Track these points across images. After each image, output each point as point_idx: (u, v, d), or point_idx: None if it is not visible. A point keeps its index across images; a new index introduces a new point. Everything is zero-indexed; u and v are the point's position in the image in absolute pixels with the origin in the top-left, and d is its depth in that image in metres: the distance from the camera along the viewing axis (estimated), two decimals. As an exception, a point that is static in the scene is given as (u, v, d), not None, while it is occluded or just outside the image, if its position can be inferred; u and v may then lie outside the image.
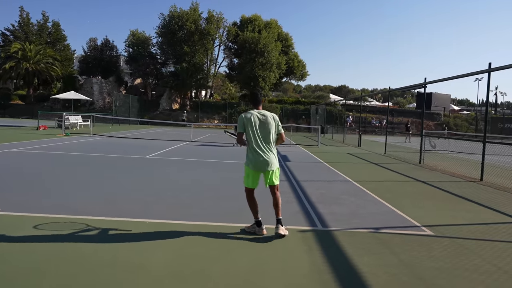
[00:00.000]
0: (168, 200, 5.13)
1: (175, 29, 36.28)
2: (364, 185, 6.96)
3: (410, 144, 20.33)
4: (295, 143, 17.67)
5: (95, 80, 40.13)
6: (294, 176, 7.76)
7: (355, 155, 13.31)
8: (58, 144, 12.15)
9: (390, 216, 4.82)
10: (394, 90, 15.40)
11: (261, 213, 3.98)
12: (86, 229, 3.73)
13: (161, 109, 37.69)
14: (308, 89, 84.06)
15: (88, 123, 23.52)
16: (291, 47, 43.64)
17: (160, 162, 9.00)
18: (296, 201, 5.44)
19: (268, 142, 3.88)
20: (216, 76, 44.28)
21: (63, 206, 4.54)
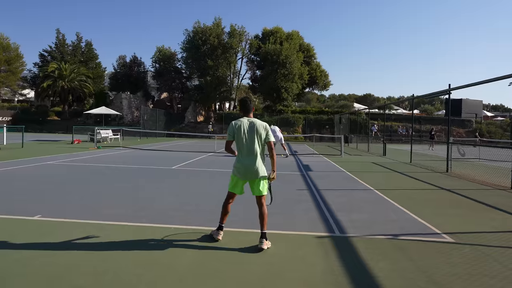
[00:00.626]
0: (193, 207, 5.40)
1: (199, 44, 37.50)
2: (386, 193, 6.94)
3: (435, 152, 19.74)
4: (317, 153, 17.66)
5: (124, 96, 41.97)
6: (315, 184, 7.86)
7: (379, 164, 13.15)
8: (91, 157, 12.90)
9: (410, 223, 4.83)
10: (418, 97, 15.13)
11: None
12: (114, 233, 4.05)
13: (187, 122, 38.77)
14: (331, 99, 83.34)
15: (118, 137, 24.65)
16: (313, 57, 43.76)
17: (186, 173, 9.37)
18: (315, 208, 5.55)
19: (256, 150, 3.84)
20: (239, 88, 45.06)
21: (96, 212, 4.92)
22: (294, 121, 36.45)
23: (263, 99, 44.77)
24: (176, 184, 7.45)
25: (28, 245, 3.62)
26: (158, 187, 7.11)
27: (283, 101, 37.86)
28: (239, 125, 3.88)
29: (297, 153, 18.00)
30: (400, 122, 38.58)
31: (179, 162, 11.90)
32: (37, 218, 4.60)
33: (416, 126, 36.04)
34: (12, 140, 20.47)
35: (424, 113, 48.98)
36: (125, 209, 5.20)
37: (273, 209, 5.36)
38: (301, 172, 10.19)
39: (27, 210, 4.92)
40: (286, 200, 6.12)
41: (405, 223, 4.81)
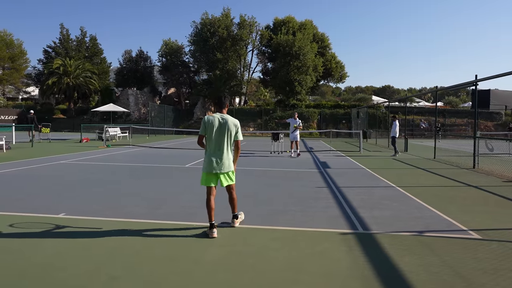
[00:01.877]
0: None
1: (207, 36, 37.84)
2: (409, 190, 7.07)
3: (463, 147, 19.56)
4: (335, 149, 17.76)
5: (131, 92, 42.69)
6: (334, 182, 8.03)
7: (401, 160, 13.20)
8: (102, 156, 13.34)
9: (435, 220, 4.98)
10: (442, 89, 15.07)
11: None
12: (140, 231, 4.34)
13: (196, 118, 39.23)
14: (348, 92, 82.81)
15: (126, 135, 25.22)
16: (328, 48, 43.61)
17: (199, 171, 9.66)
18: (336, 206, 5.74)
19: (224, 145, 4.26)
20: (250, 82, 45.29)
21: (118, 210, 5.24)
22: (309, 116, 36.47)
23: (275, 93, 44.91)
24: (192, 182, 7.73)
25: (61, 241, 3.93)
26: (173, 185, 7.41)
27: (296, 94, 37.90)
28: (211, 121, 4.26)
29: (313, 149, 18.12)
30: (422, 115, 38.17)
31: (191, 160, 12.21)
32: (62, 216, 4.93)
33: (440, 120, 35.61)
34: (20, 139, 21.22)
35: (449, 105, 48.21)
36: (145, 207, 5.51)
37: (291, 207, 5.60)
38: (318, 169, 10.35)
39: (50, 209, 5.27)
40: (304, 198, 6.32)
41: (429, 220, 4.96)
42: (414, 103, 47.79)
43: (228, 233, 4.32)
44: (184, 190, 6.92)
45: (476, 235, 4.33)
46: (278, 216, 5.07)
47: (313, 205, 5.75)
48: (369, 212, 5.33)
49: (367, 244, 3.97)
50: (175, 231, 4.37)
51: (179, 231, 4.35)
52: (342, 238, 4.16)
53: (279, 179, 8.30)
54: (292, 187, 7.32)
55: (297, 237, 4.20)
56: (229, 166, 4.33)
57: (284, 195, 6.55)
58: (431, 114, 37.38)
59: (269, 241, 4.06)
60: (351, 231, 4.45)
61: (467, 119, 36.29)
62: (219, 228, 4.48)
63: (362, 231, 4.45)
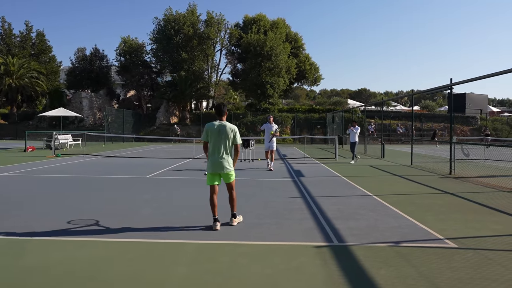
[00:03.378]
0: (176, 220, 5.59)
1: (171, 34, 37.55)
2: (385, 199, 7.34)
3: (439, 152, 20.55)
4: (309, 156, 18.08)
5: (85, 94, 41.42)
6: (309, 192, 8.18)
7: (378, 167, 13.65)
8: (50, 167, 12.80)
9: (412, 229, 5.20)
10: (418, 93, 15.80)
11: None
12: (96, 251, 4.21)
13: (158, 124, 38.62)
14: (323, 95, 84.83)
15: (78, 143, 24.38)
16: (301, 48, 44.50)
17: (162, 182, 9.52)
18: (311, 217, 5.86)
19: (224, 149, 5.24)
20: (219, 84, 45.28)
21: (68, 228, 5.05)
22: (282, 121, 36.94)
23: (246, 96, 45.18)
24: (153, 195, 7.60)
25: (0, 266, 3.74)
26: (134, 198, 7.25)
27: (268, 98, 38.32)
28: (211, 128, 5.26)
29: (287, 157, 18.34)
30: (399, 120, 39.71)
31: (153, 170, 12.01)
32: (1, 237, 4.69)
33: (417, 124, 37.20)
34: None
35: (425, 109, 50.53)
36: (101, 223, 5.35)
37: (264, 219, 5.65)
38: (292, 178, 10.51)
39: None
40: (277, 209, 6.39)
41: (406, 230, 5.18)
42: (391, 107, 49.70)
43: (194, 249, 4.28)
44: (145, 203, 6.79)
45: (452, 244, 4.57)
46: (250, 229, 5.10)
47: (287, 217, 5.83)
48: (345, 223, 5.48)
49: (342, 257, 4.08)
50: (135, 250, 4.27)
51: (139, 250, 4.26)
52: (317, 252, 4.25)
53: (252, 188, 8.34)
54: (266, 197, 7.38)
55: (271, 252, 4.24)
56: (229, 167, 5.27)
57: (258, 206, 6.60)
58: (408, 119, 38.98)
59: (240, 257, 4.07)
60: (326, 243, 4.55)
61: (444, 123, 38.15)
62: (184, 245, 4.44)
63: (337, 243, 4.57)
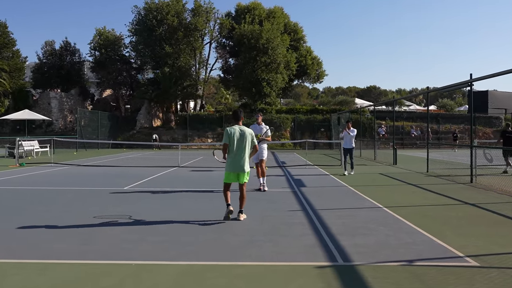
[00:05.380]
0: (155, 238, 5.55)
1: (153, 25, 37.59)
2: (398, 211, 7.35)
3: (459, 158, 20.64)
4: (311, 164, 18.09)
5: (53, 94, 41.27)
6: (311, 204, 8.17)
7: (389, 175, 13.69)
8: (12, 178, 12.71)
9: (427, 246, 5.20)
10: (434, 90, 15.93)
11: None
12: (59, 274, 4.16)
13: (139, 127, 38.53)
14: (327, 93, 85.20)
15: (46, 150, 24.22)
16: (302, 40, 44.78)
17: (141, 195, 9.46)
18: (312, 233, 5.84)
19: (245, 151, 6.71)
20: (208, 82, 45.36)
21: (32, 248, 4.99)
22: (280, 123, 37.00)
23: (239, 96, 45.29)
24: (130, 210, 7.54)
25: None
26: (106, 213, 7.19)
27: (265, 97, 38.42)
28: (232, 132, 6.70)
29: (286, 164, 18.33)
30: (413, 121, 39.94)
31: (132, 181, 11.95)
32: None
33: (434, 126, 37.41)
34: None
35: (443, 109, 50.92)
36: (68, 243, 5.30)
37: (259, 237, 5.63)
38: (292, 188, 10.50)
39: None
40: (275, 224, 6.38)
41: (421, 246, 5.17)
42: (404, 107, 49.98)
43: (180, 271, 4.25)
44: (121, 219, 6.74)
45: (474, 262, 4.56)
46: (243, 249, 5.07)
47: (286, 233, 5.83)
48: (351, 240, 5.46)
49: (347, 279, 4.06)
50: (106, 273, 4.23)
51: (112, 274, 4.21)
52: (319, 273, 4.23)
53: (246, 200, 8.30)
54: (262, 211, 7.37)
55: (267, 273, 4.22)
56: (247, 167, 6.73)
57: (252, 221, 6.60)
58: (423, 120, 39.17)
59: (231, 280, 4.04)
60: (330, 263, 4.54)
61: (464, 125, 38.40)
62: (167, 266, 4.40)
63: (342, 263, 4.55)
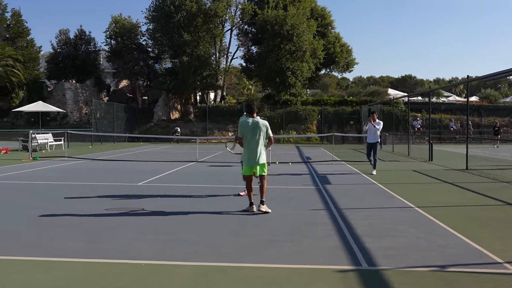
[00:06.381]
0: (168, 236, 5.61)
1: (170, 12, 37.85)
2: (431, 212, 7.20)
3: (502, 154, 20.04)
4: (338, 159, 17.92)
5: (68, 85, 42.20)
6: (335, 202, 8.10)
7: (424, 172, 13.44)
8: (25, 172, 13.08)
9: (462, 250, 5.08)
10: (475, 79, 15.49)
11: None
12: (66, 274, 4.25)
13: (156, 120, 39.00)
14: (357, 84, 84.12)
15: (61, 143, 24.83)
16: (330, 26, 44.30)
17: (156, 190, 9.58)
18: (335, 234, 5.79)
19: (259, 143, 7.02)
20: (229, 71, 45.43)
21: (38, 245, 5.12)
22: (306, 115, 36.76)
23: (262, 86, 45.21)
24: (143, 206, 7.65)
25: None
26: (119, 210, 7.32)
27: (289, 87, 38.21)
28: (246, 125, 7.01)
29: (311, 160, 18.22)
30: (452, 113, 38.98)
31: (146, 176, 12.11)
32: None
33: (475, 119, 36.42)
34: None
35: (486, 100, 49.44)
36: (78, 241, 5.41)
37: (278, 237, 5.62)
38: (316, 185, 10.44)
39: None
40: (296, 224, 6.35)
41: (455, 250, 5.05)
42: (442, 98, 48.81)
43: (193, 272, 4.27)
44: (132, 217, 6.86)
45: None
46: (261, 249, 5.07)
47: (307, 234, 5.80)
48: (378, 242, 5.38)
49: (372, 285, 4.01)
50: (113, 273, 4.30)
51: (118, 274, 4.28)
52: (341, 277, 4.19)
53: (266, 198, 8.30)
54: (282, 209, 7.35)
55: (285, 276, 4.20)
56: (263, 159, 7.07)
57: (271, 220, 6.58)
58: (463, 112, 38.18)
59: (247, 282, 4.04)
60: (353, 267, 4.48)
61: (509, 117, 37.24)
62: (177, 267, 4.44)
63: (366, 267, 4.49)
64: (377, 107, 29.96)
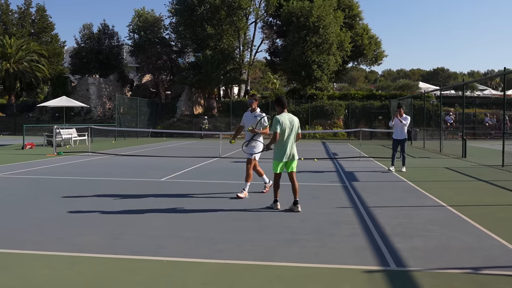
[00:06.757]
0: (191, 233, 5.66)
1: (194, 5, 38.08)
2: (464, 211, 7.05)
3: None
4: (366, 155, 17.71)
5: (92, 80, 43.04)
6: (362, 200, 8.02)
7: (456, 170, 13.19)
8: (49, 167, 13.43)
9: (497, 251, 4.95)
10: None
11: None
12: (87, 269, 4.34)
13: (179, 115, 39.40)
14: (387, 77, 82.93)
15: (84, 138, 25.37)
16: (357, 17, 43.75)
17: (179, 186, 9.69)
18: (362, 233, 5.72)
19: (294, 139, 7.16)
20: (253, 65, 45.47)
21: (61, 241, 5.25)
22: (333, 110, 36.50)
23: (287, 80, 45.08)
24: (166, 202, 7.75)
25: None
26: (141, 206, 7.42)
27: (315, 81, 37.98)
28: (285, 120, 7.01)
29: (337, 156, 18.07)
30: (488, 108, 37.99)
31: (170, 172, 12.25)
32: (-14, 249, 4.95)
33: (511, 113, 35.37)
34: None
35: (525, 94, 47.96)
36: (99, 236, 5.51)
37: (302, 236, 5.59)
38: (342, 183, 10.36)
39: (-28, 239, 5.31)
40: (321, 223, 6.31)
41: (490, 252, 4.93)
42: (477, 92, 47.57)
43: (213, 270, 4.30)
44: (155, 213, 6.94)
45: (554, 273, 4.28)
46: (284, 248, 5.06)
47: (332, 232, 5.76)
48: (408, 242, 5.29)
49: (401, 287, 3.96)
50: (136, 269, 4.36)
51: (141, 270, 4.34)
52: (368, 278, 4.14)
53: (289, 195, 8.28)
54: (306, 207, 7.31)
55: (309, 276, 4.18)
56: (296, 155, 7.17)
57: (295, 218, 6.57)
58: (499, 106, 37.15)
59: (269, 282, 4.03)
60: (381, 267, 4.42)
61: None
62: (199, 264, 4.48)
63: (395, 267, 4.42)
64: (407, 101, 29.46)
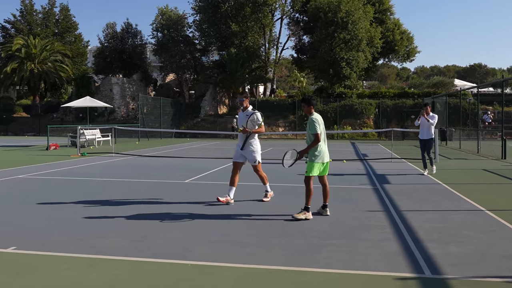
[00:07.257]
0: (217, 237, 5.69)
1: (217, 1, 38.37)
2: (504, 216, 6.89)
3: None
4: (398, 157, 17.49)
5: (115, 80, 43.85)
6: (394, 204, 7.92)
7: (495, 172, 12.90)
8: (74, 168, 13.77)
9: (540, 260, 4.80)
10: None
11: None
12: (109, 271, 4.41)
13: (204, 115, 39.74)
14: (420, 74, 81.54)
15: (108, 139, 25.88)
16: (388, 12, 43.20)
17: (204, 188, 9.78)
18: (394, 238, 5.64)
19: (325, 138, 7.05)
20: (279, 63, 45.43)
21: (84, 242, 5.36)
22: (362, 109, 36.17)
23: (314, 78, 44.87)
24: (190, 204, 7.83)
25: (9, 285, 4.06)
26: (165, 208, 7.52)
27: (344, 79, 37.72)
28: (320, 120, 6.96)
29: (367, 157, 17.87)
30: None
31: (194, 173, 12.37)
32: (11, 250, 5.11)
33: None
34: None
35: None
36: (123, 239, 5.61)
37: (331, 240, 5.56)
38: (373, 185, 10.26)
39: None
40: (350, 227, 6.26)
41: (532, 260, 4.79)
42: (518, 89, 46.31)
43: (239, 275, 4.32)
44: (178, 215, 7.01)
45: None
46: (312, 253, 5.04)
47: (362, 237, 5.70)
48: (443, 248, 5.20)
49: (436, 295, 3.87)
50: (159, 273, 4.41)
51: (164, 273, 4.39)
52: (401, 285, 4.09)
53: (317, 198, 8.24)
54: (335, 211, 7.27)
55: (337, 283, 4.16)
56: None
57: (323, 222, 6.55)
58: (542, 104, 36.09)
59: (296, 287, 4.02)
60: (415, 274, 4.36)
61: None
62: (226, 269, 4.50)
63: (430, 275, 4.35)
64: (442, 99, 28.90)
